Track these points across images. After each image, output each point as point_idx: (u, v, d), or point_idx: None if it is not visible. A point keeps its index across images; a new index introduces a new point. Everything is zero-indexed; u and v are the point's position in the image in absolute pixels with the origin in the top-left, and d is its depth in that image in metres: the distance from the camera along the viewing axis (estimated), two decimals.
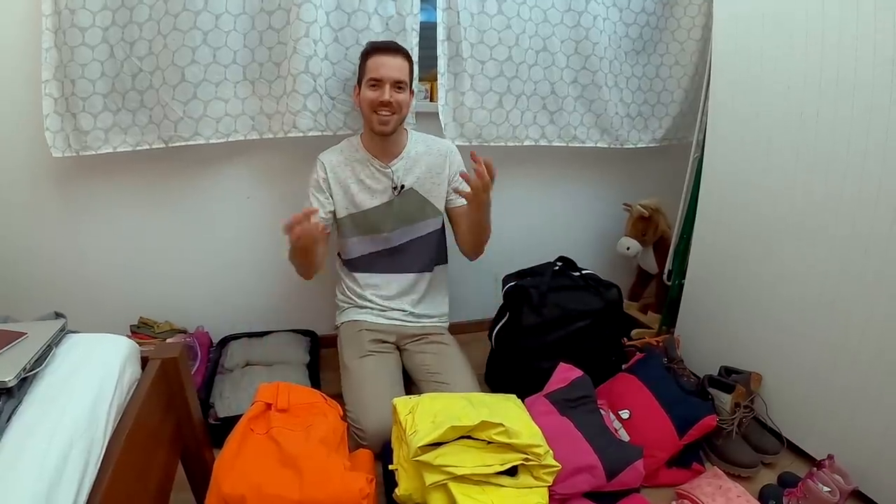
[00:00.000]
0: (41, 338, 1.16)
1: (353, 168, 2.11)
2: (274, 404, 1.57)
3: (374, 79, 1.97)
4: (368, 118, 2.03)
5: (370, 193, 2.12)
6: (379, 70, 1.97)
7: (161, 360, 1.35)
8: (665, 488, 1.84)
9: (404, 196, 2.13)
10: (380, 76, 1.96)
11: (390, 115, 1.99)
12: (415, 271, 2.22)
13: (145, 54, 2.03)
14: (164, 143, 2.13)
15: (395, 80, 1.98)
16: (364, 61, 2.02)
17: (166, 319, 2.42)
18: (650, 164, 2.90)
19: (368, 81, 1.98)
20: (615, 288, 2.23)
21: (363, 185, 2.12)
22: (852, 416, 1.79)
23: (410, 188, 2.14)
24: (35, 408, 1.00)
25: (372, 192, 2.12)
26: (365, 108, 2.02)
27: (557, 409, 1.85)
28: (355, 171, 2.11)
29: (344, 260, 2.25)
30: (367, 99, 1.99)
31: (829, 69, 1.73)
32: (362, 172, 2.11)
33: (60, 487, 0.89)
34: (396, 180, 2.11)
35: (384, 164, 2.11)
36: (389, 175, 2.11)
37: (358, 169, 2.11)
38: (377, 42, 2.05)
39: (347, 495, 1.35)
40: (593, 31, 2.44)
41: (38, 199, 2.21)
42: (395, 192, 2.12)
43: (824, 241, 1.81)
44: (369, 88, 1.99)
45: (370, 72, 1.98)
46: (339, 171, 2.11)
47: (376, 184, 2.12)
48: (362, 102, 2.03)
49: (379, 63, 1.98)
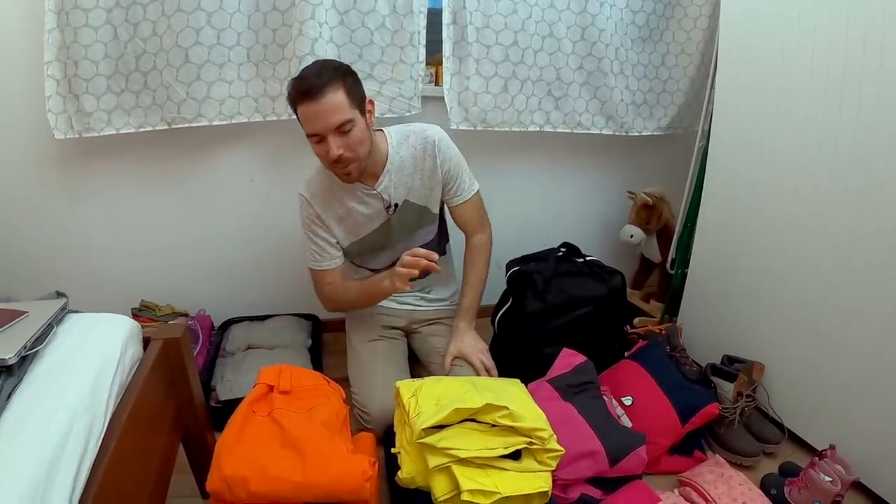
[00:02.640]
0: (42, 316, 1.16)
1: (340, 198, 1.91)
2: (276, 386, 1.57)
3: (311, 135, 1.69)
4: (331, 172, 1.83)
5: (365, 219, 1.94)
6: (314, 124, 1.66)
7: (163, 340, 1.35)
8: (667, 475, 1.84)
9: (399, 212, 1.96)
10: (317, 130, 1.66)
11: (350, 164, 1.73)
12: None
13: (149, 35, 2.02)
14: (167, 125, 2.13)
15: (334, 125, 1.64)
16: (294, 110, 1.71)
17: (168, 302, 2.42)
18: (654, 152, 2.89)
19: (309, 137, 1.71)
20: (619, 275, 2.22)
21: (354, 212, 1.92)
22: (854, 407, 1.78)
23: (404, 201, 1.95)
24: (36, 386, 1.00)
25: (367, 218, 1.94)
26: (321, 161, 1.79)
27: (560, 394, 1.85)
28: (343, 202, 1.91)
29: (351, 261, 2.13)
30: (317, 154, 1.75)
31: (838, 60, 1.71)
32: (350, 201, 1.91)
33: (61, 466, 0.88)
34: (388, 199, 1.92)
35: (369, 187, 1.89)
36: (378, 196, 1.91)
37: (345, 198, 1.91)
38: (299, 85, 1.66)
39: (350, 478, 1.35)
40: (600, 18, 2.43)
41: (40, 180, 2.21)
42: (389, 212, 1.94)
43: (828, 232, 1.80)
44: (314, 142, 1.71)
45: (305, 126, 1.69)
46: (327, 203, 1.91)
47: (368, 209, 1.93)
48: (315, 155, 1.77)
49: (310, 114, 1.65)
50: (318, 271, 1.98)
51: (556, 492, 1.63)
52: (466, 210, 2.05)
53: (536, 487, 1.43)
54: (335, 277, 1.98)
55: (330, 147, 1.66)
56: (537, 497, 1.45)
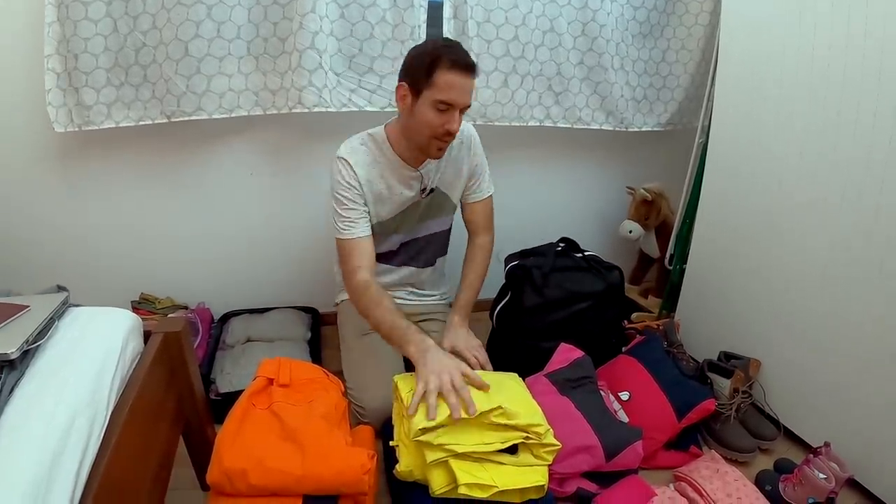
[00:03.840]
0: (43, 311, 1.16)
1: (382, 172, 1.87)
2: (275, 379, 1.57)
3: (444, 102, 1.66)
4: (425, 142, 1.77)
5: (401, 199, 1.93)
6: (452, 93, 1.65)
7: (164, 333, 1.36)
8: (663, 470, 1.85)
9: (430, 196, 1.99)
10: (452, 101, 1.66)
11: (450, 141, 1.78)
12: (419, 266, 2.16)
13: (149, 28, 2.01)
14: (166, 119, 2.13)
15: (465, 105, 1.71)
16: (431, 70, 1.65)
17: (167, 295, 2.43)
18: (654, 148, 2.89)
19: (436, 102, 1.66)
20: (617, 270, 2.23)
21: (393, 190, 1.90)
22: (849, 405, 1.79)
23: (436, 187, 1.99)
24: (38, 380, 1.00)
25: (403, 198, 1.93)
26: (422, 129, 1.73)
27: (558, 388, 1.86)
28: (384, 176, 1.88)
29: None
30: (428, 121, 1.70)
31: (838, 58, 1.71)
32: (391, 177, 1.88)
33: (63, 460, 0.89)
34: (426, 182, 1.94)
35: (413, 168, 1.89)
36: (419, 178, 1.92)
37: (387, 173, 1.88)
38: (453, 52, 1.66)
39: (349, 470, 1.35)
40: (601, 13, 2.43)
41: (40, 174, 2.21)
42: (423, 195, 1.97)
43: (826, 230, 1.81)
44: (435, 110, 1.68)
45: (440, 91, 1.65)
46: (369, 176, 1.85)
47: (406, 188, 1.92)
48: (419, 120, 1.72)
49: (453, 83, 1.65)
50: (350, 241, 1.84)
51: (553, 486, 1.64)
52: (478, 209, 2.08)
53: (533, 481, 1.43)
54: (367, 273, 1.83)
55: (454, 120, 1.70)
56: (533, 490, 1.45)
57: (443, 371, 1.47)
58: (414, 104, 1.72)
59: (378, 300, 1.76)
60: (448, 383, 1.44)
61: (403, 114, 1.78)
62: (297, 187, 2.45)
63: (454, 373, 1.48)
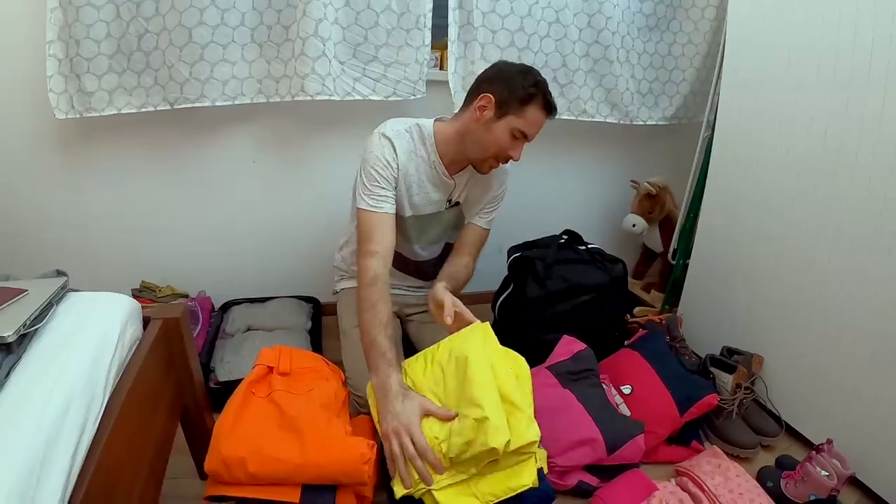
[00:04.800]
0: (42, 295, 1.15)
1: (418, 165, 1.84)
2: (275, 368, 1.56)
3: (523, 132, 1.72)
4: (482, 157, 1.79)
5: (429, 200, 1.90)
6: (533, 129, 1.74)
7: (163, 319, 1.35)
8: (664, 465, 1.85)
9: (453, 210, 1.97)
10: (530, 136, 1.75)
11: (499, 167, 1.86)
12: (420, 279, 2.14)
13: (152, 15, 2.00)
14: (169, 105, 2.12)
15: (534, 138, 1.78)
16: (526, 102, 1.70)
17: (168, 283, 2.42)
18: (659, 142, 2.89)
19: (516, 130, 1.72)
20: (620, 263, 2.23)
21: (423, 188, 1.86)
22: (852, 402, 1.79)
23: (457, 202, 1.98)
24: (35, 364, 0.99)
25: (430, 200, 1.90)
26: (490, 146, 1.75)
27: (560, 381, 1.86)
28: (419, 171, 1.84)
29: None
30: (500, 142, 1.73)
31: (845, 55, 1.70)
32: (424, 174, 1.85)
33: (58, 444, 0.88)
34: (454, 194, 1.94)
35: (448, 175, 1.88)
36: (451, 187, 1.91)
37: (423, 169, 1.84)
38: (549, 95, 1.74)
39: (349, 460, 1.35)
40: (607, 5, 2.42)
41: (41, 160, 2.20)
42: (448, 205, 1.95)
43: (830, 227, 1.81)
44: (510, 136, 1.72)
45: (525, 124, 1.72)
46: (407, 163, 1.81)
47: (435, 192, 1.89)
48: (492, 137, 1.74)
49: (538, 121, 1.74)
50: (375, 214, 1.73)
51: (554, 478, 1.65)
52: (473, 233, 2.02)
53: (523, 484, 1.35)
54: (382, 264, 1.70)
55: (520, 150, 1.77)
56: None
57: (401, 430, 1.36)
58: (493, 121, 1.72)
59: (375, 301, 1.64)
60: (409, 446, 1.34)
61: (474, 123, 1.75)
62: (299, 176, 2.44)
63: (413, 429, 1.36)
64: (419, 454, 1.33)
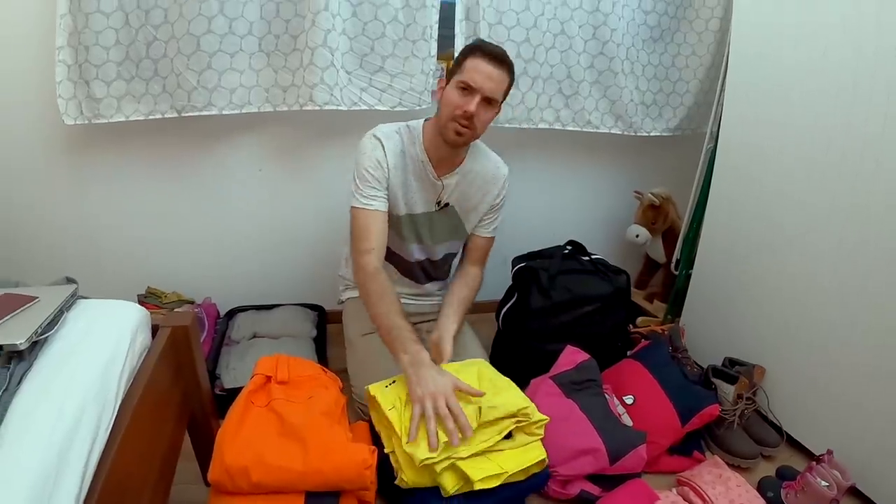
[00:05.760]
0: (53, 302, 1.16)
1: (406, 164, 1.90)
2: (273, 377, 1.58)
3: (465, 83, 1.72)
4: (444, 123, 1.79)
5: (420, 199, 1.96)
6: (475, 76, 1.71)
7: (171, 328, 1.36)
8: (666, 475, 1.85)
9: (443, 212, 2.00)
10: (474, 84, 1.71)
11: (467, 130, 1.78)
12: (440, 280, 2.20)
13: (160, 23, 2.02)
14: (176, 113, 2.13)
15: (488, 93, 1.73)
16: (463, 58, 1.76)
17: (174, 290, 2.43)
18: (662, 152, 2.89)
19: (459, 83, 1.74)
20: (624, 274, 2.24)
21: (410, 187, 1.92)
22: (853, 413, 1.79)
23: (451, 206, 2.01)
24: (46, 372, 1.00)
25: (421, 199, 1.96)
26: (444, 110, 1.79)
27: (563, 391, 1.87)
28: (408, 173, 1.90)
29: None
30: (450, 101, 1.76)
31: (847, 67, 1.71)
32: (412, 173, 1.91)
33: (71, 452, 0.89)
34: (442, 195, 1.97)
35: (437, 176, 1.93)
36: (438, 188, 1.95)
37: (410, 167, 1.90)
38: (486, 44, 1.78)
39: (351, 466, 1.36)
40: (612, 17, 2.43)
41: (49, 166, 2.22)
42: (437, 206, 1.99)
43: (832, 239, 1.81)
44: (457, 90, 1.74)
45: (465, 73, 1.73)
46: (396, 163, 1.87)
47: (424, 192, 1.95)
48: (444, 101, 1.79)
49: (478, 68, 1.72)
50: (368, 211, 1.82)
51: (556, 487, 1.67)
52: (480, 243, 2.10)
53: (535, 458, 1.51)
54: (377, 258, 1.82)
55: (472, 102, 1.72)
56: (535, 466, 1.53)
57: (437, 394, 1.47)
58: (442, 89, 1.81)
59: (382, 292, 1.76)
60: (444, 407, 1.45)
61: (438, 105, 1.84)
62: (305, 184, 2.46)
63: (449, 394, 1.48)
64: (453, 416, 1.44)
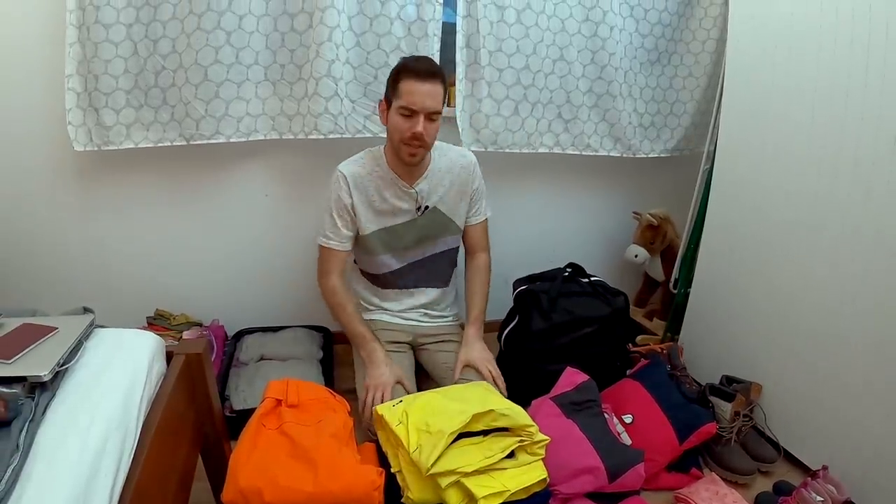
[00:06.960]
0: (72, 333, 1.20)
1: (377, 185, 1.99)
2: (284, 400, 1.61)
3: (406, 108, 1.80)
4: (397, 146, 1.89)
5: (398, 211, 2.04)
6: (413, 98, 1.79)
7: (185, 355, 1.40)
8: (664, 492, 1.88)
9: (427, 215, 2.07)
10: (414, 106, 1.79)
11: (420, 148, 1.87)
12: (432, 286, 2.21)
13: (168, 52, 2.06)
14: (185, 141, 2.17)
15: (430, 110, 1.81)
16: (396, 82, 1.82)
17: (182, 312, 2.47)
18: (660, 173, 2.93)
19: (400, 109, 1.81)
20: (622, 296, 2.28)
21: (387, 203, 2.02)
22: (847, 429, 1.82)
23: (434, 207, 2.07)
24: (69, 402, 1.04)
25: (399, 210, 2.04)
26: (394, 135, 1.88)
27: (563, 411, 1.90)
28: (380, 190, 2.00)
29: (363, 271, 2.22)
30: (396, 127, 1.85)
31: (841, 88, 1.74)
32: (386, 191, 2.00)
33: (98, 479, 0.93)
34: (420, 201, 2.04)
35: (408, 185, 2.00)
36: (413, 196, 2.02)
37: (382, 187, 2.00)
38: (412, 63, 1.84)
39: (360, 486, 1.40)
40: (610, 42, 2.47)
41: (59, 192, 2.25)
42: (418, 212, 2.06)
43: (827, 259, 1.84)
44: (400, 116, 1.82)
45: (402, 97, 1.80)
46: (363, 185, 1.98)
47: (400, 203, 2.03)
48: (390, 127, 1.88)
49: (413, 90, 1.79)
50: (327, 249, 2.04)
51: None
52: (477, 231, 2.18)
53: (536, 478, 1.53)
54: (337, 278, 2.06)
55: (417, 124, 1.81)
56: (536, 484, 1.54)
57: (377, 386, 1.88)
58: (388, 115, 1.89)
59: (343, 305, 2.05)
60: (379, 398, 1.84)
61: (386, 129, 1.94)
62: (310, 209, 2.46)
63: (386, 388, 1.87)
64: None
